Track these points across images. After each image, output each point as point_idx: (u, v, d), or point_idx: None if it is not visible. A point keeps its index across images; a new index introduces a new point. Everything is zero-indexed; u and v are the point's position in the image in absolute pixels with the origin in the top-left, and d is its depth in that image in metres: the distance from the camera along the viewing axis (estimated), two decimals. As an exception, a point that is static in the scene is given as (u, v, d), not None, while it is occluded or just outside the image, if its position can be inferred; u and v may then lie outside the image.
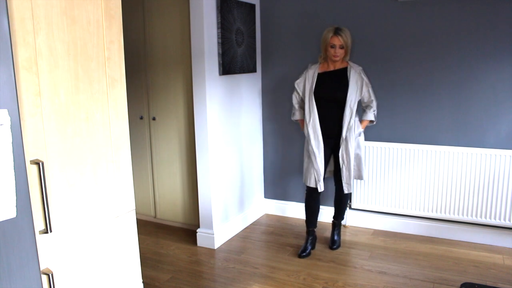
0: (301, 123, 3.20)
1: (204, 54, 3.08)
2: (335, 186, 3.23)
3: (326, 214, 3.70)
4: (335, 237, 3.30)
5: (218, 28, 3.16)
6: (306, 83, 3.05)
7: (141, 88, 3.64)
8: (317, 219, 3.25)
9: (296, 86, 3.13)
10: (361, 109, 3.14)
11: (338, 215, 3.32)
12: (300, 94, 3.11)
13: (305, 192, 3.21)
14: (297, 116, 3.21)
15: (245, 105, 3.66)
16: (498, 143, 3.13)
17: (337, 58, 2.95)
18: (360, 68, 3.04)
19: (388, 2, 3.28)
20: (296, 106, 3.19)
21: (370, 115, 3.07)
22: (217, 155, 3.31)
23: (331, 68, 3.03)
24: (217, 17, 3.14)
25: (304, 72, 3.10)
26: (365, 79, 3.01)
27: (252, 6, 3.60)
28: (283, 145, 3.87)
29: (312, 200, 3.19)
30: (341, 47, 2.91)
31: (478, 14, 3.04)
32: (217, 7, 3.13)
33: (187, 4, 3.16)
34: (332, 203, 3.37)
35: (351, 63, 3.03)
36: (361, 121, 3.10)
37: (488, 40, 3.04)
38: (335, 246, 3.26)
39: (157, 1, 3.42)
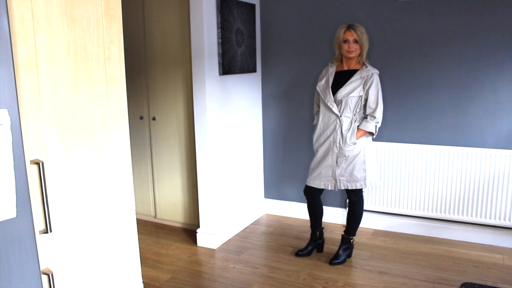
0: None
1: (204, 54, 3.08)
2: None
3: (329, 214, 3.70)
4: (339, 251, 3.06)
5: (218, 28, 3.16)
6: (323, 81, 2.89)
7: (141, 88, 3.64)
8: (319, 222, 3.16)
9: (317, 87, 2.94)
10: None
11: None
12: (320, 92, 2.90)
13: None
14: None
15: (245, 105, 3.65)
16: (498, 143, 3.13)
17: (352, 54, 2.76)
18: (375, 71, 2.79)
19: (388, 2, 3.28)
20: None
21: (369, 126, 2.79)
22: (217, 155, 3.31)
23: (345, 68, 2.86)
24: (217, 17, 3.14)
25: (324, 70, 2.96)
26: (374, 83, 2.77)
27: (252, 6, 3.60)
28: (283, 145, 3.87)
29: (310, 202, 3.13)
30: (355, 42, 2.74)
31: (478, 14, 3.04)
32: (217, 7, 3.13)
33: (187, 4, 3.16)
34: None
35: (367, 65, 2.81)
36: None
37: (488, 40, 3.04)
38: (334, 261, 3.01)
39: (157, 1, 3.42)
